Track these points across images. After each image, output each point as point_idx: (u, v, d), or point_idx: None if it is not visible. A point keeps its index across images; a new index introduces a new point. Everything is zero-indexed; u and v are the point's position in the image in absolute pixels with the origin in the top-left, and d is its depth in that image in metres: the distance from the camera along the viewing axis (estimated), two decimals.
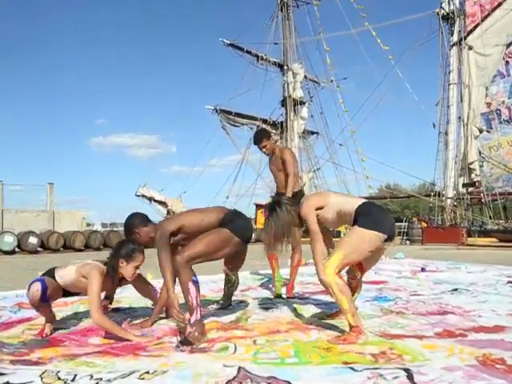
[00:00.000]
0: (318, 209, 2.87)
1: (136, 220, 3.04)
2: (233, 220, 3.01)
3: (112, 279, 2.91)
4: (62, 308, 3.77)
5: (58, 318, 3.22)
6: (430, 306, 3.74)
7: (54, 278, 2.90)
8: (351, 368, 2.14)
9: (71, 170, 65.17)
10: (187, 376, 2.05)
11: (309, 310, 3.60)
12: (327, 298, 4.09)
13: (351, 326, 2.67)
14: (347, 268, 3.07)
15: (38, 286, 2.80)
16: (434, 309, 3.61)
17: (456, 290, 4.55)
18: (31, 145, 66.07)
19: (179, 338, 2.69)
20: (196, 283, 2.82)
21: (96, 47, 67.51)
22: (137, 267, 2.89)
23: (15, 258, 11.98)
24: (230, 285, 3.68)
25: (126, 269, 2.88)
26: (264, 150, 4.30)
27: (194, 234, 2.96)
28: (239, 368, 2.14)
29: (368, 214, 2.77)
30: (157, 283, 3.54)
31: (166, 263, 2.77)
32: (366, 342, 2.59)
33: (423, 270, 6.26)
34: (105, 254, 3.09)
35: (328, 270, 2.67)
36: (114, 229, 19.79)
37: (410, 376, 2.01)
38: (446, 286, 4.87)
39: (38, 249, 14.05)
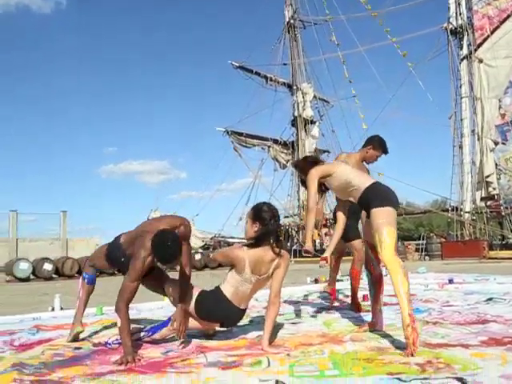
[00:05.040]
0: (324, 177, 3.00)
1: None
2: None
3: None
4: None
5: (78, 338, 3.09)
6: (467, 315, 3.54)
7: None
8: (398, 379, 1.97)
9: (82, 199, 65.24)
10: None
11: (338, 324, 3.43)
12: (354, 312, 3.93)
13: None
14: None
15: None
16: (473, 318, 3.41)
17: (491, 299, 4.33)
18: (43, 173, 66.47)
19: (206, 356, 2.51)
20: None
21: (103, 71, 68.09)
22: None
23: (30, 284, 11.89)
24: None
25: None
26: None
27: None
28: (277, 382, 1.98)
29: (377, 195, 2.79)
30: None
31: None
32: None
33: (451, 281, 6.01)
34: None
35: (387, 252, 2.61)
36: None
37: None
38: (478, 296, 4.65)
39: (53, 275, 13.95)
